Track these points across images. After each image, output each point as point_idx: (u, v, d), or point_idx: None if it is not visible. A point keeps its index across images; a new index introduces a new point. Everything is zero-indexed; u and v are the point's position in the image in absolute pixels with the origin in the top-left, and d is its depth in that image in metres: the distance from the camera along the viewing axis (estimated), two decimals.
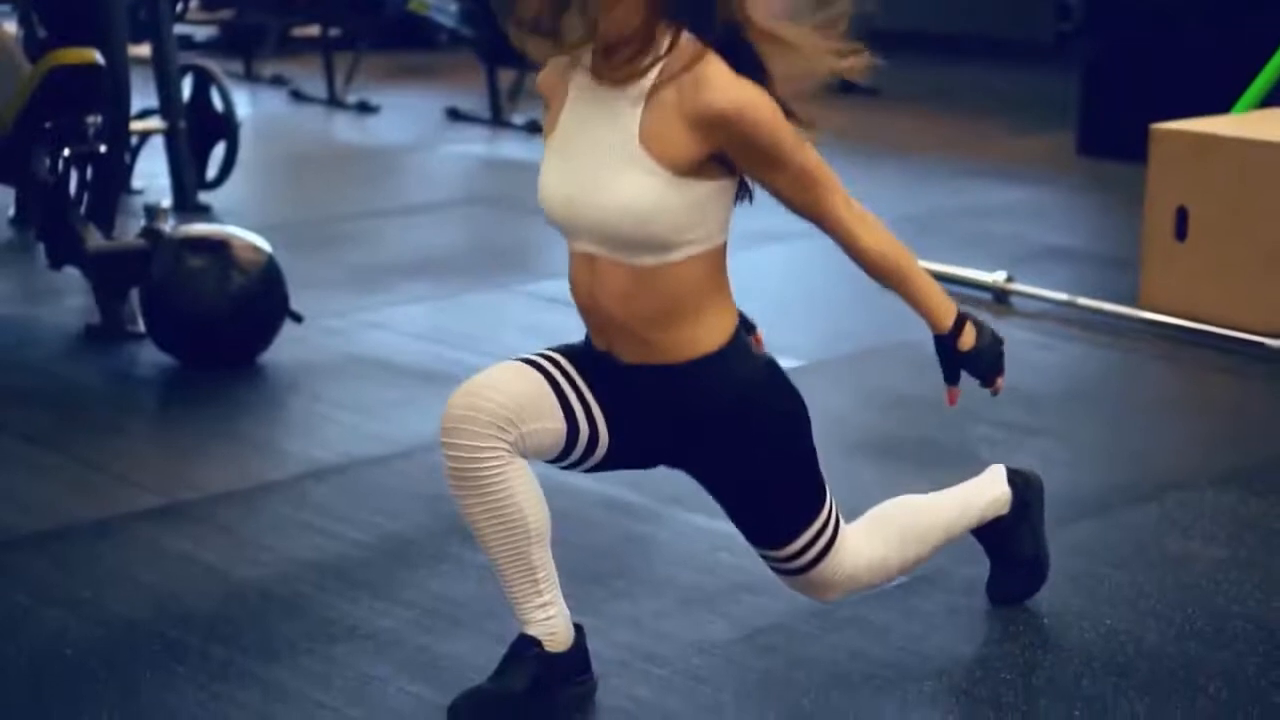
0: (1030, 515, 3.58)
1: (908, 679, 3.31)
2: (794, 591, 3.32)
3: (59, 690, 3.23)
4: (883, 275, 3.11)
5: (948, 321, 3.18)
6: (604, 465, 3.13)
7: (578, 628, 3.18)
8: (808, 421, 3.16)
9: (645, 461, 3.17)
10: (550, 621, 3.11)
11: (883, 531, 3.34)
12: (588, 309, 3.04)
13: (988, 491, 3.53)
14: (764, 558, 3.24)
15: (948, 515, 3.44)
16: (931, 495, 3.47)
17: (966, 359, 3.21)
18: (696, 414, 3.05)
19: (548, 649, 3.11)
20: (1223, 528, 4.04)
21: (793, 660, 3.37)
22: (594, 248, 2.96)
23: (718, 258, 3.00)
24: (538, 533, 3.06)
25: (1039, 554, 3.60)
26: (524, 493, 3.02)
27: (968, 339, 3.20)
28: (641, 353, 3.01)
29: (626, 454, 3.12)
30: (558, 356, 3.08)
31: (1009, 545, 3.58)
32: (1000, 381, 3.27)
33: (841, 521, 3.24)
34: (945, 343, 3.20)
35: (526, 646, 3.11)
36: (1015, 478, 3.58)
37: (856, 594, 3.36)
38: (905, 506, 3.42)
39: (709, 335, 3.01)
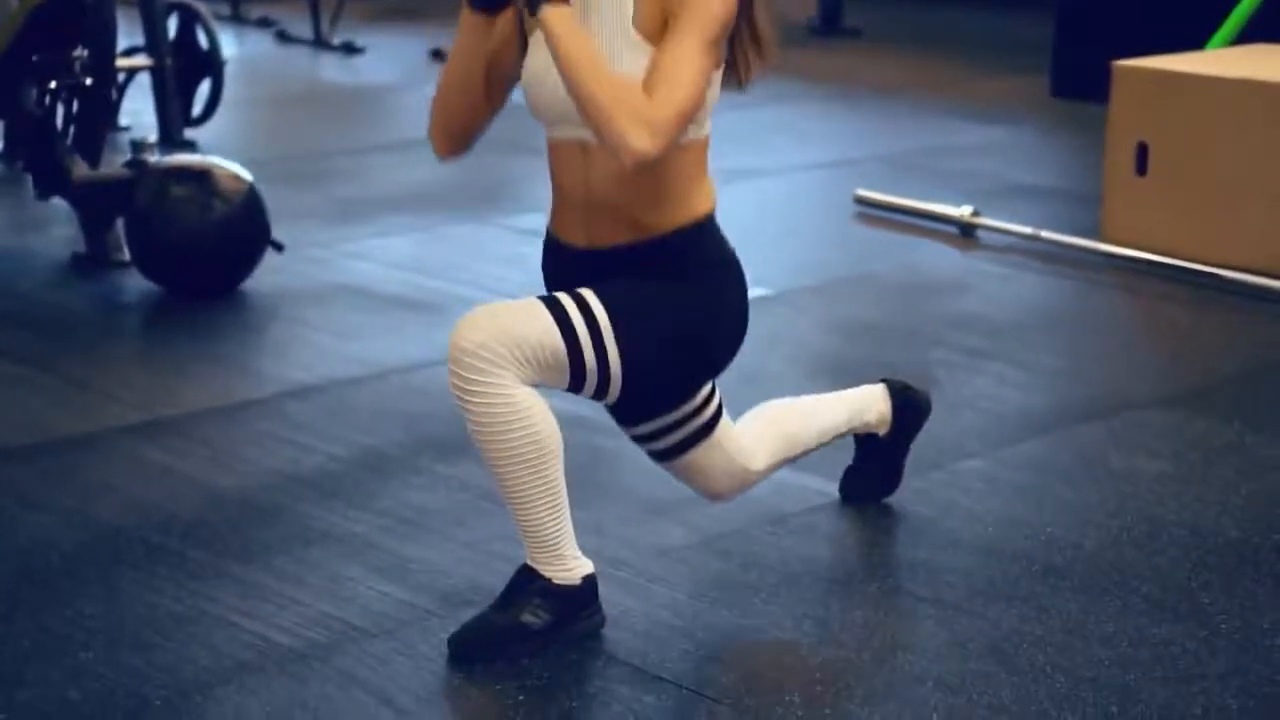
0: (906, 438, 3.76)
1: (855, 580, 3.48)
2: (684, 483, 3.48)
3: (45, 589, 3.39)
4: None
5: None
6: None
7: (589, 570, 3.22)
8: (737, 336, 3.23)
9: None
10: (565, 557, 3.17)
11: (770, 431, 3.50)
12: (578, 199, 3.12)
13: (871, 407, 3.69)
14: (636, 440, 3.37)
15: (833, 422, 3.61)
16: (815, 400, 3.62)
17: None
18: (650, 265, 3.11)
19: (557, 582, 3.15)
20: (1166, 445, 4.20)
21: (746, 563, 3.53)
22: (588, 133, 3.02)
23: (705, 145, 3.13)
24: (556, 450, 3.09)
25: (898, 468, 3.79)
26: (536, 410, 3.03)
27: None
28: (625, 234, 3.10)
29: None
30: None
31: (878, 455, 3.76)
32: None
33: (724, 417, 3.38)
34: None
35: (532, 578, 3.15)
36: (900, 400, 3.73)
37: (741, 490, 3.52)
38: (791, 412, 3.56)
39: (690, 213, 3.12)
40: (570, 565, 3.16)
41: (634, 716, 2.96)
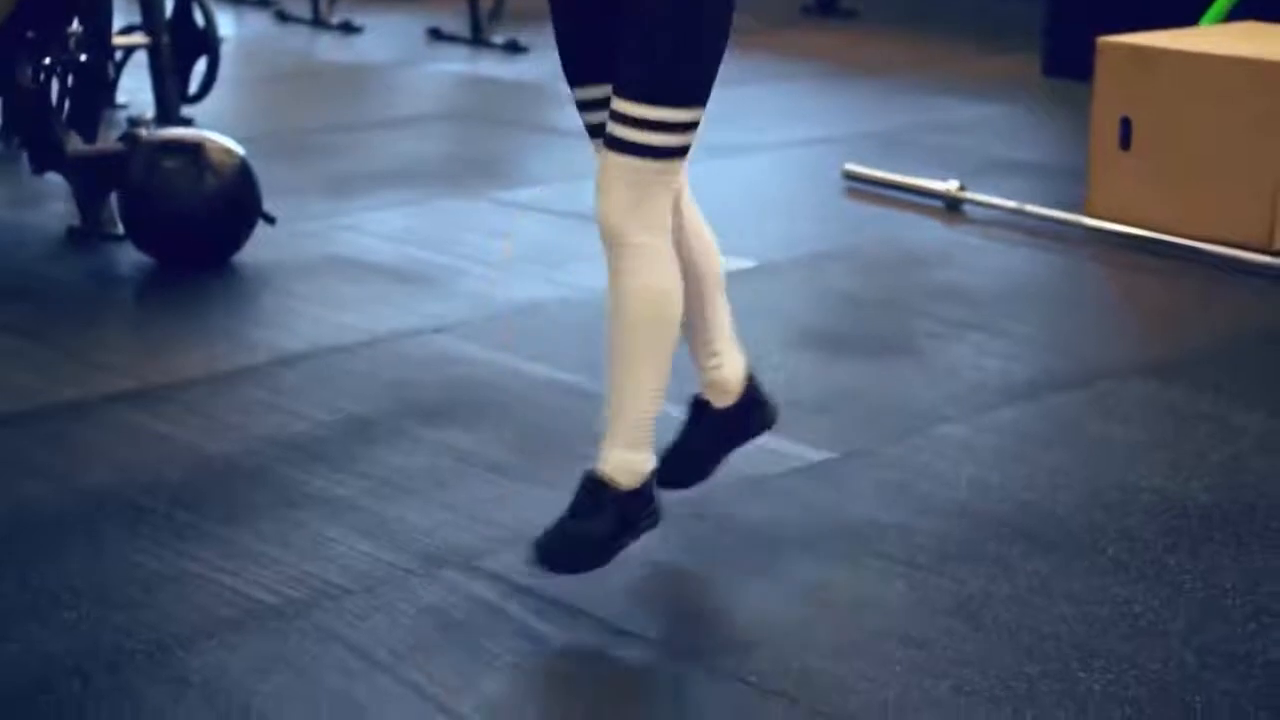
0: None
1: (827, 541, 3.54)
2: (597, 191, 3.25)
3: (32, 548, 3.46)
4: None
5: None
6: None
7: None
8: (730, 12, 3.21)
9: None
10: (720, 370, 3.51)
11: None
12: None
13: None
14: (616, 118, 3.16)
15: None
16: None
17: None
18: None
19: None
20: (1141, 413, 4.27)
21: (720, 525, 3.60)
22: None
23: None
24: (714, 279, 3.38)
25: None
26: (696, 247, 3.34)
27: None
28: None
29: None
30: (583, 94, 3.30)
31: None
32: None
33: (686, 167, 3.29)
34: None
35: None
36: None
37: (622, 239, 3.20)
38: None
39: None
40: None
41: (608, 671, 3.03)
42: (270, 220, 5.45)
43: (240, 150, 5.42)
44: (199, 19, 7.35)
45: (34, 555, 3.43)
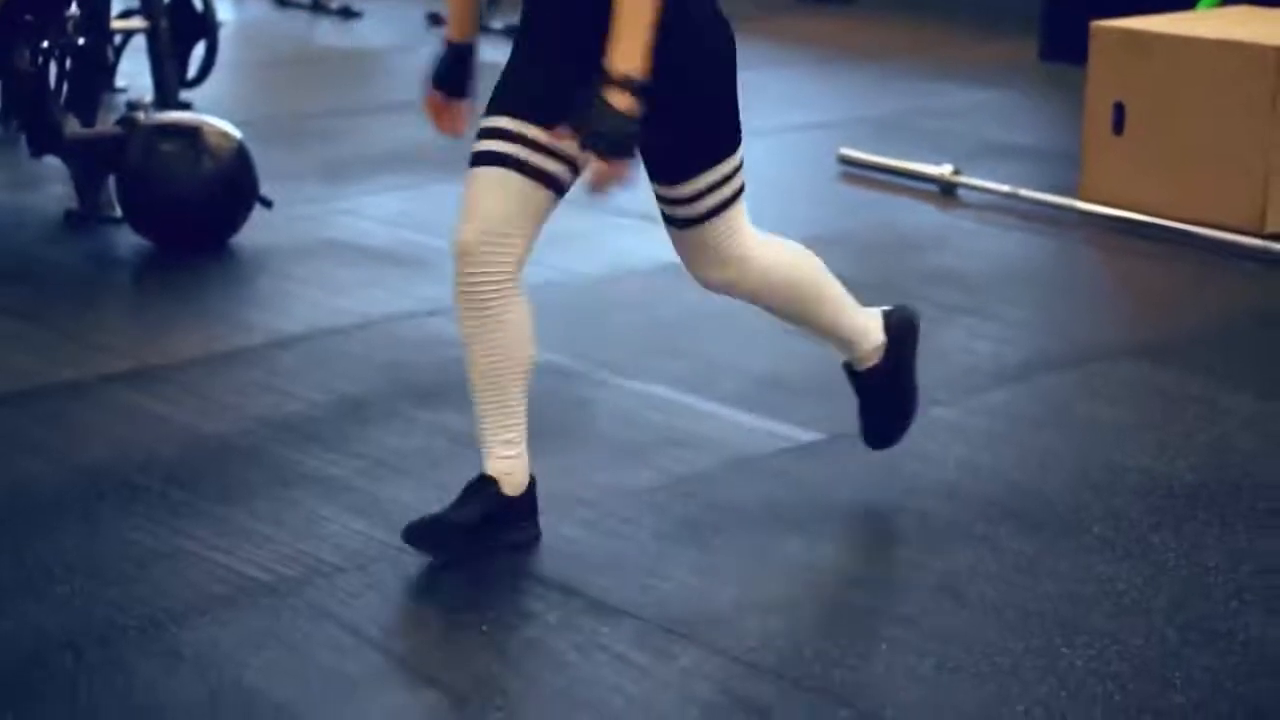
0: (902, 364, 3.69)
1: (815, 521, 3.57)
2: (684, 265, 3.51)
3: (28, 525, 3.49)
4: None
5: (622, 66, 3.11)
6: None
7: (531, 479, 3.42)
8: (734, 57, 3.32)
9: None
10: (510, 460, 3.36)
11: (782, 252, 3.55)
12: None
13: (865, 320, 3.65)
14: (665, 203, 3.39)
15: (831, 293, 3.60)
16: (829, 279, 3.62)
17: (600, 113, 3.11)
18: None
19: (504, 490, 3.36)
20: (1129, 394, 4.30)
21: (710, 505, 3.63)
22: None
23: None
24: (520, 367, 3.32)
25: (907, 401, 3.72)
26: (518, 324, 3.29)
27: (618, 100, 3.11)
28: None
29: None
30: (502, 123, 3.27)
31: (879, 391, 3.70)
32: (605, 170, 3.14)
33: (744, 199, 3.46)
34: (597, 83, 3.13)
35: (486, 484, 3.36)
36: (892, 322, 3.69)
37: (734, 292, 3.51)
38: (809, 256, 3.61)
39: None
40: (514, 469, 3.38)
41: (594, 646, 3.06)
42: (267, 204, 5.48)
43: (238, 134, 5.45)
44: (198, 3, 7.37)
45: (30, 531, 3.46)
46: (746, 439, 3.88)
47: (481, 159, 3.30)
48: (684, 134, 3.33)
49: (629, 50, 3.11)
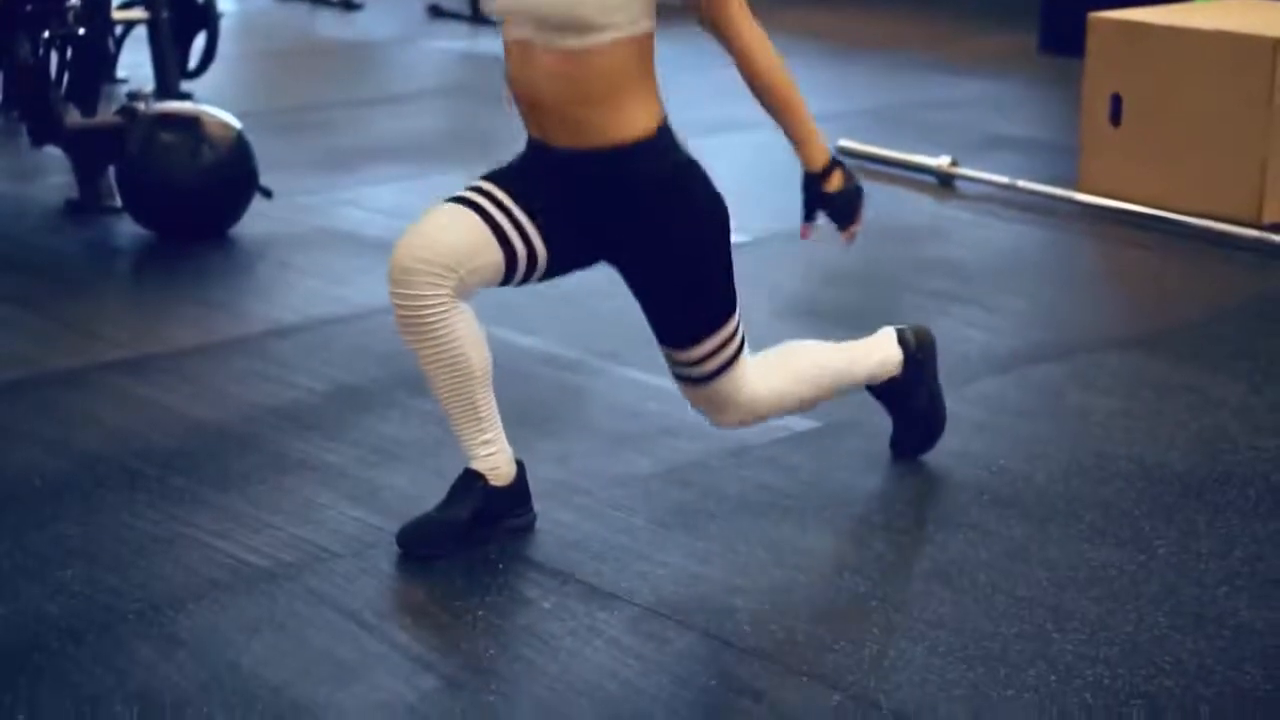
0: (923, 372, 3.78)
1: (809, 508, 3.60)
2: (699, 413, 3.56)
3: (27, 512, 3.52)
4: (771, 99, 3.33)
5: (821, 160, 3.38)
6: (549, 275, 3.39)
7: (520, 465, 3.46)
8: (728, 226, 3.37)
9: (582, 260, 3.40)
10: (493, 457, 3.40)
11: (780, 368, 3.58)
12: (523, 95, 3.28)
13: (877, 350, 3.73)
14: (672, 363, 3.46)
15: (838, 365, 3.65)
16: (827, 345, 3.70)
17: (828, 200, 3.39)
18: (627, 196, 3.27)
19: (491, 483, 3.39)
20: (1121, 384, 4.32)
21: (705, 492, 3.66)
22: (529, 33, 3.19)
23: (644, 46, 3.21)
24: (480, 373, 3.34)
25: (934, 408, 3.81)
26: (466, 336, 3.30)
27: (834, 182, 3.39)
28: (574, 135, 3.24)
29: (565, 258, 3.37)
30: (488, 186, 3.33)
31: (905, 401, 3.79)
32: (854, 230, 3.44)
33: (746, 345, 3.49)
34: (813, 181, 3.39)
35: (471, 480, 3.40)
36: (905, 337, 3.77)
37: (751, 424, 3.59)
38: (800, 350, 3.65)
39: (636, 120, 3.23)
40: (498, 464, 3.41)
41: (589, 631, 3.09)
42: (267, 194, 5.51)
43: (238, 124, 5.47)
44: None
45: (29, 518, 3.49)
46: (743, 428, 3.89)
47: (453, 199, 3.35)
48: (689, 303, 3.39)
49: (816, 148, 3.37)
